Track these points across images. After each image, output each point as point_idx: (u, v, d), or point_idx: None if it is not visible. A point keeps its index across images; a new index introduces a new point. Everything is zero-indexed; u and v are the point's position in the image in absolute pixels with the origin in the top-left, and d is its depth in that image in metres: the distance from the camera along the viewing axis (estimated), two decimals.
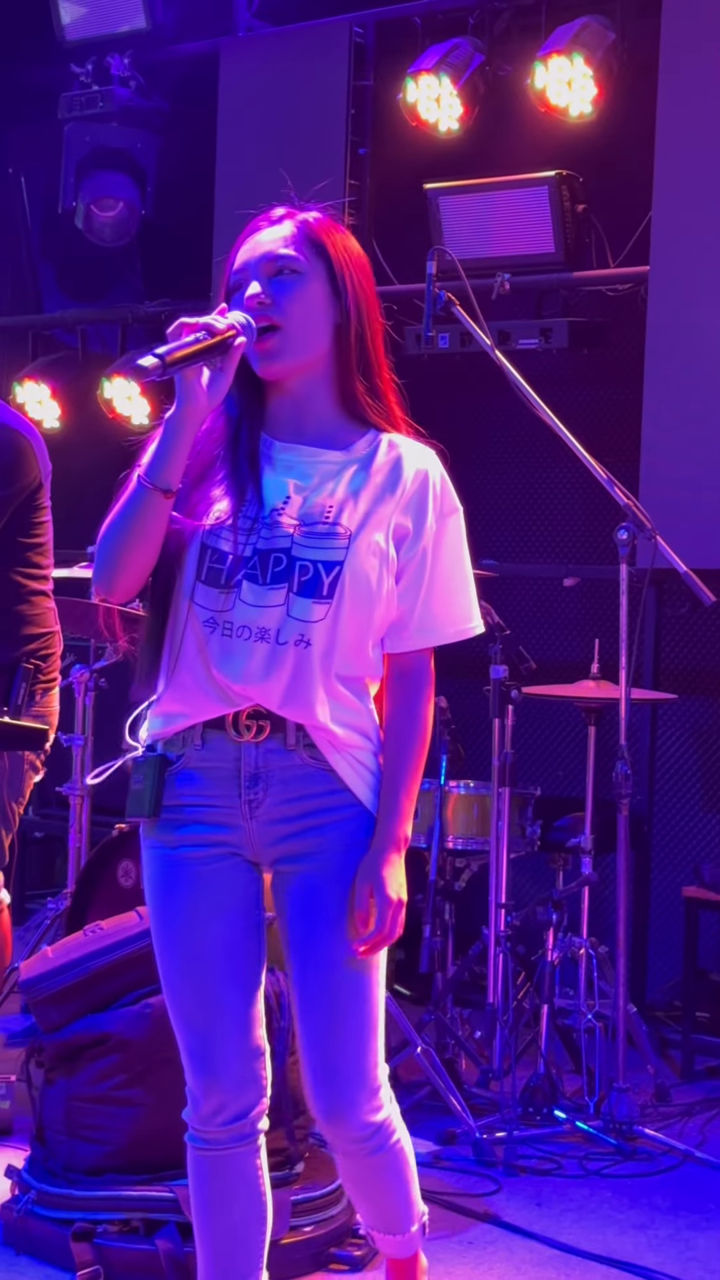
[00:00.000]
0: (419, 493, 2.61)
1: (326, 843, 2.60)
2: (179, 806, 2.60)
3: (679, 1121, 4.43)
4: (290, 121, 6.17)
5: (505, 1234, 3.70)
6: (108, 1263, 3.34)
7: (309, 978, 2.60)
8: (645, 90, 5.37)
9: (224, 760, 2.58)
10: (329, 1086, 2.61)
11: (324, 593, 2.52)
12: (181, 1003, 2.63)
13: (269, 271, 2.57)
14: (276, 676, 2.52)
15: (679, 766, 5.59)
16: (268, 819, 2.59)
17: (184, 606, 2.55)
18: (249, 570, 2.52)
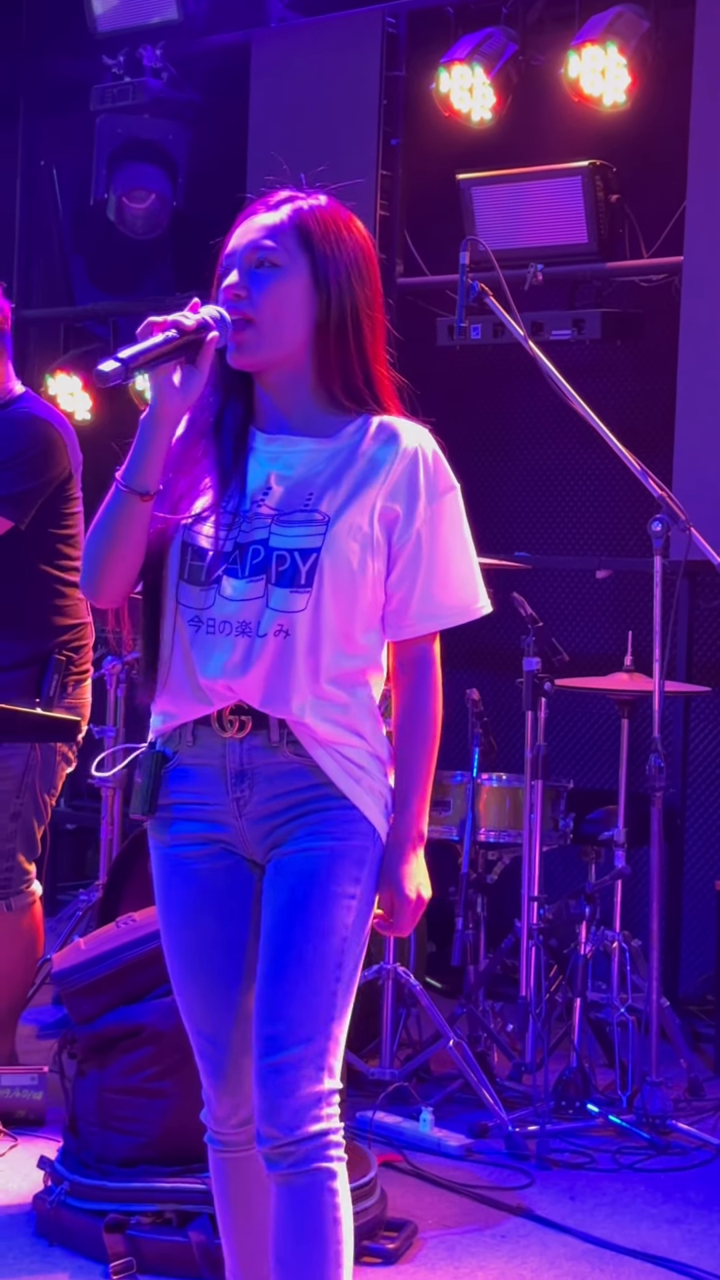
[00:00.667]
0: (408, 472, 2.50)
1: (302, 830, 2.48)
2: (173, 805, 2.55)
3: (712, 1115, 4.41)
4: (322, 112, 6.16)
5: (538, 1228, 3.69)
6: (140, 1254, 3.34)
7: (265, 964, 2.46)
8: (679, 79, 5.34)
9: (212, 757, 2.51)
10: (267, 1076, 2.42)
11: (302, 581, 2.43)
12: (188, 1004, 2.59)
13: (250, 262, 2.50)
14: (256, 670, 2.44)
15: (712, 759, 5.56)
16: (256, 816, 2.50)
17: (170, 607, 2.50)
18: (228, 565, 2.45)
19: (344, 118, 6.10)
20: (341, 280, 2.50)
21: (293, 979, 2.43)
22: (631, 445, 4.40)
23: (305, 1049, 2.41)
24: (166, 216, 6.55)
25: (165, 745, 2.56)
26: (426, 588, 2.52)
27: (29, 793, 4.16)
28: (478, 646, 2.61)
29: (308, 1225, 2.41)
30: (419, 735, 2.55)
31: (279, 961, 2.44)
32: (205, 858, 2.54)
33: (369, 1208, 3.51)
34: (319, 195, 2.58)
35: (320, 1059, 2.42)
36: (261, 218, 2.53)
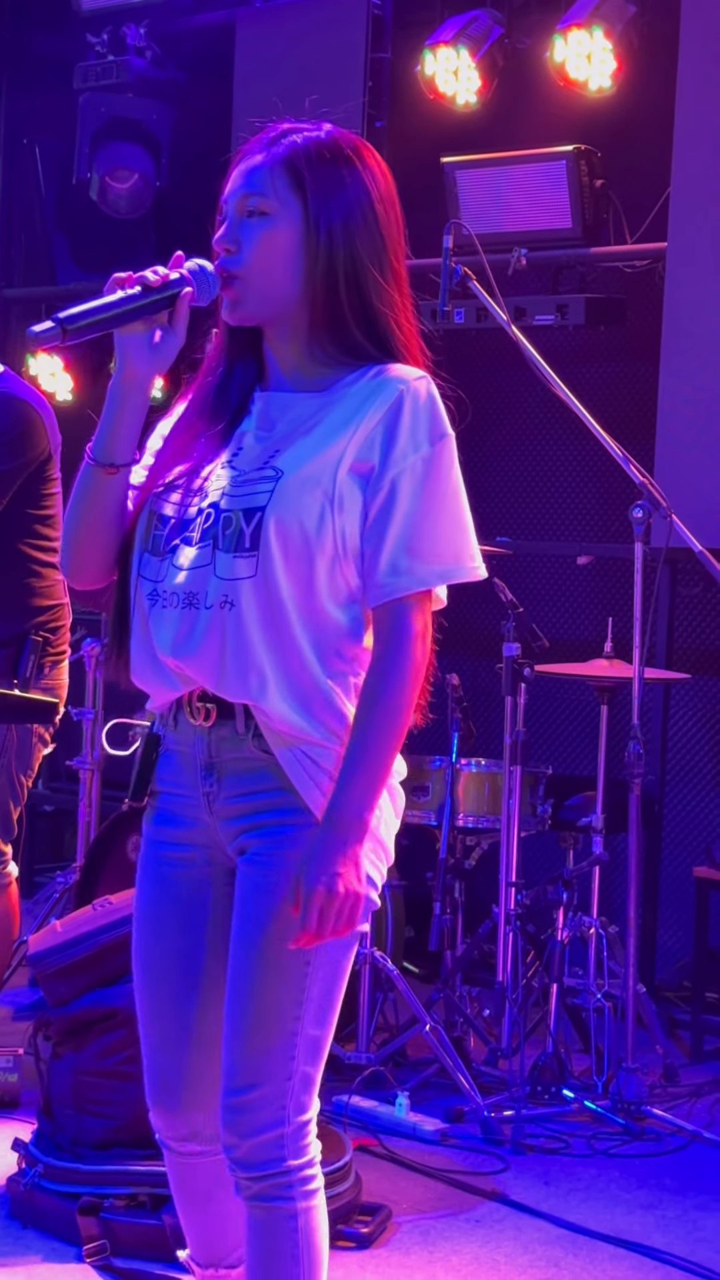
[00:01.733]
0: (387, 418, 2.22)
1: (265, 848, 2.26)
2: (160, 794, 2.39)
3: (687, 1102, 4.42)
4: (306, 93, 6.07)
5: (513, 1212, 3.69)
6: (114, 1237, 3.34)
7: (229, 992, 2.29)
8: (665, 65, 5.32)
9: (188, 745, 2.32)
10: (230, 1116, 2.27)
11: (246, 545, 2.18)
12: (140, 1007, 2.44)
13: (241, 210, 2.28)
14: (206, 647, 2.20)
15: (691, 747, 5.56)
16: (224, 816, 2.30)
17: (133, 580, 2.31)
18: (185, 533, 2.24)
19: (328, 99, 6.01)
20: (334, 225, 2.26)
21: (251, 1018, 2.24)
22: (613, 431, 4.40)
23: (264, 1089, 2.24)
24: (150, 196, 6.52)
25: (161, 728, 2.38)
26: (400, 544, 2.21)
27: (4, 774, 4.14)
28: (457, 631, 2.60)
29: (271, 1258, 2.30)
30: (376, 713, 2.21)
31: (238, 999, 2.26)
32: (180, 862, 2.37)
33: (343, 1192, 3.51)
34: (320, 126, 2.36)
35: (281, 1099, 2.25)
36: (255, 158, 2.30)
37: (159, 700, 2.35)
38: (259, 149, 2.32)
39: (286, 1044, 2.25)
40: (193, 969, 2.37)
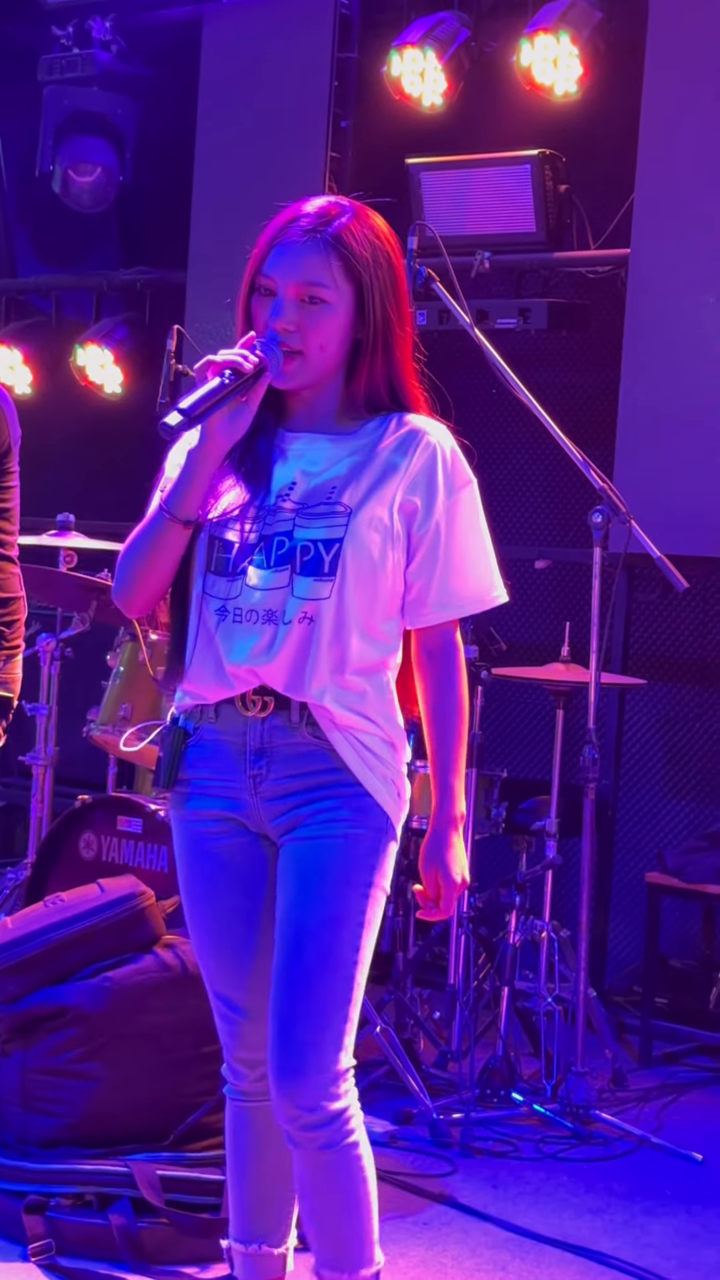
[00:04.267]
0: (427, 467, 2.61)
1: (320, 818, 2.59)
2: (192, 780, 2.66)
3: (635, 1106, 4.43)
4: (272, 91, 6.12)
5: (460, 1216, 3.69)
6: (60, 1236, 3.32)
7: (282, 942, 2.57)
8: (631, 71, 5.34)
9: (233, 734, 2.61)
10: (285, 1059, 2.54)
11: (325, 570, 2.54)
12: (209, 971, 2.71)
13: (299, 295, 2.56)
14: (281, 656, 2.54)
15: (645, 752, 5.58)
16: (270, 795, 2.60)
17: (198, 597, 2.60)
18: (254, 556, 2.56)
19: (294, 98, 6.07)
20: (377, 303, 2.58)
21: (309, 966, 2.53)
22: (574, 436, 4.40)
23: (322, 1033, 2.53)
24: (113, 190, 6.49)
25: (187, 721, 2.66)
26: (444, 577, 2.62)
27: None
28: None
29: (339, 1196, 2.59)
30: (452, 721, 2.66)
31: (296, 948, 2.54)
32: (222, 834, 2.64)
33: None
34: (342, 203, 2.62)
35: (337, 1040, 2.54)
36: (305, 246, 2.56)
37: (209, 698, 2.61)
38: (303, 233, 2.56)
39: (344, 989, 2.55)
40: (251, 924, 2.65)
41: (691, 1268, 3.48)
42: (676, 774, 5.52)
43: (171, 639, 2.67)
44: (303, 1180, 2.61)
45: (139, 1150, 3.45)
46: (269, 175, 6.12)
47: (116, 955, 3.60)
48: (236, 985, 2.68)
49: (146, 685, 4.71)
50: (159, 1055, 3.52)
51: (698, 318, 5.19)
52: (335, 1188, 2.59)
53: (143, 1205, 3.34)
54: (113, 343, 6.60)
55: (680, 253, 5.22)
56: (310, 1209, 2.63)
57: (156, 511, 2.58)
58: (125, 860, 4.52)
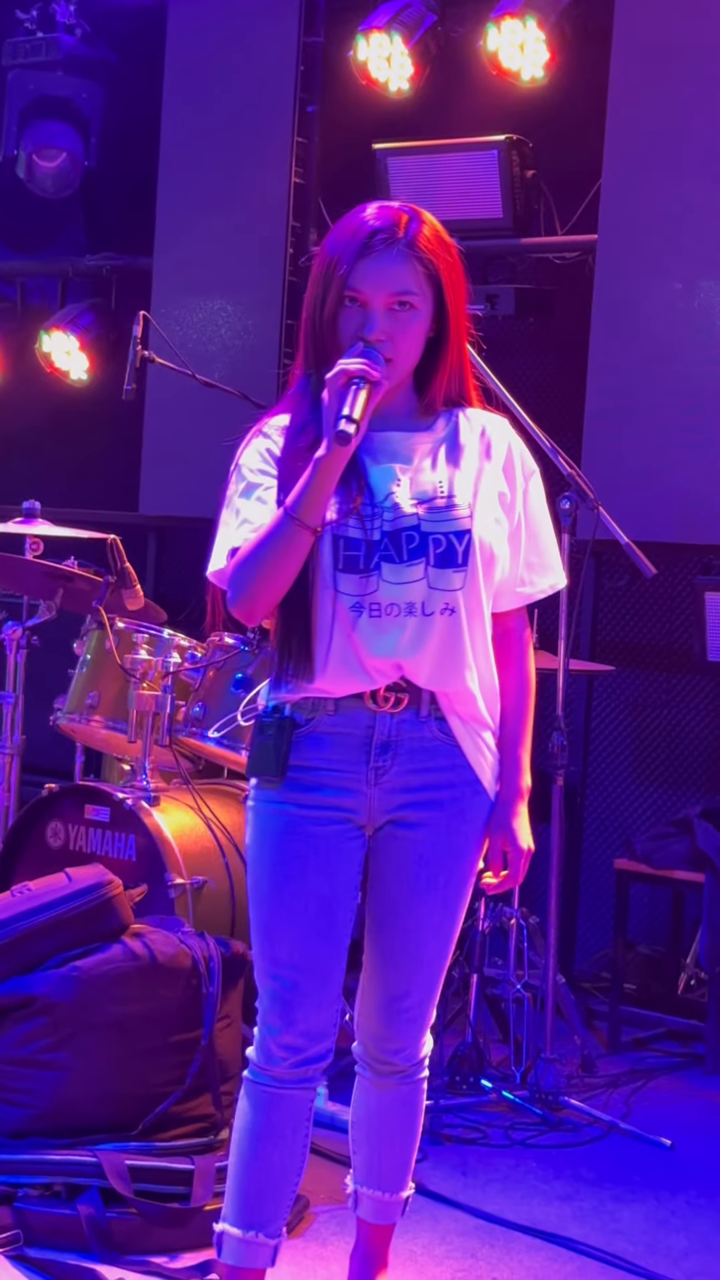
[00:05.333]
0: (508, 459, 2.77)
1: (443, 815, 2.74)
2: (305, 768, 2.71)
3: (604, 1092, 4.44)
4: (238, 76, 6.09)
5: (430, 1203, 3.69)
6: (28, 1227, 3.30)
7: (398, 932, 2.77)
8: (598, 57, 5.33)
9: (356, 728, 2.69)
10: (395, 1029, 2.83)
11: (459, 561, 2.65)
12: (274, 949, 2.74)
13: (387, 303, 2.66)
14: (426, 648, 2.64)
15: (613, 738, 5.58)
16: (391, 787, 2.71)
17: (328, 596, 2.64)
18: (384, 552, 2.64)
19: (260, 82, 6.04)
20: (453, 305, 2.71)
21: (429, 946, 2.78)
22: (542, 422, 4.39)
23: (429, 1001, 2.84)
24: (78, 176, 6.46)
25: (295, 712, 2.71)
26: (526, 563, 2.79)
27: None
28: None
29: (410, 1118, 2.95)
30: (526, 697, 2.84)
31: (417, 939, 2.77)
32: (323, 820, 2.71)
33: None
34: (413, 212, 2.71)
35: (433, 1003, 2.86)
36: (389, 254, 2.65)
37: (336, 692, 2.68)
38: (385, 245, 2.65)
39: (443, 967, 2.84)
40: (331, 909, 2.74)
41: (660, 1253, 3.49)
42: (645, 760, 5.53)
43: (296, 641, 2.66)
44: (373, 1110, 2.93)
45: (107, 1140, 3.44)
46: (235, 160, 6.10)
47: (84, 944, 3.59)
48: (303, 967, 2.73)
49: (114, 673, 4.68)
50: (127, 1045, 3.51)
51: (665, 304, 5.19)
52: (405, 1115, 2.93)
53: (111, 1195, 3.33)
54: (78, 329, 6.57)
55: (647, 239, 5.22)
56: (372, 1136, 2.96)
57: (283, 519, 2.60)
58: (93, 849, 4.50)
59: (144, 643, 4.65)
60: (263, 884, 2.75)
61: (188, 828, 4.49)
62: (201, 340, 6.10)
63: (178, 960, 3.59)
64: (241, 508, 2.69)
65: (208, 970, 3.60)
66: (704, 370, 5.13)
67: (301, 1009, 2.74)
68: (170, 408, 6.11)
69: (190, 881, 4.35)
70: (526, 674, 2.85)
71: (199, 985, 3.60)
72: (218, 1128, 3.56)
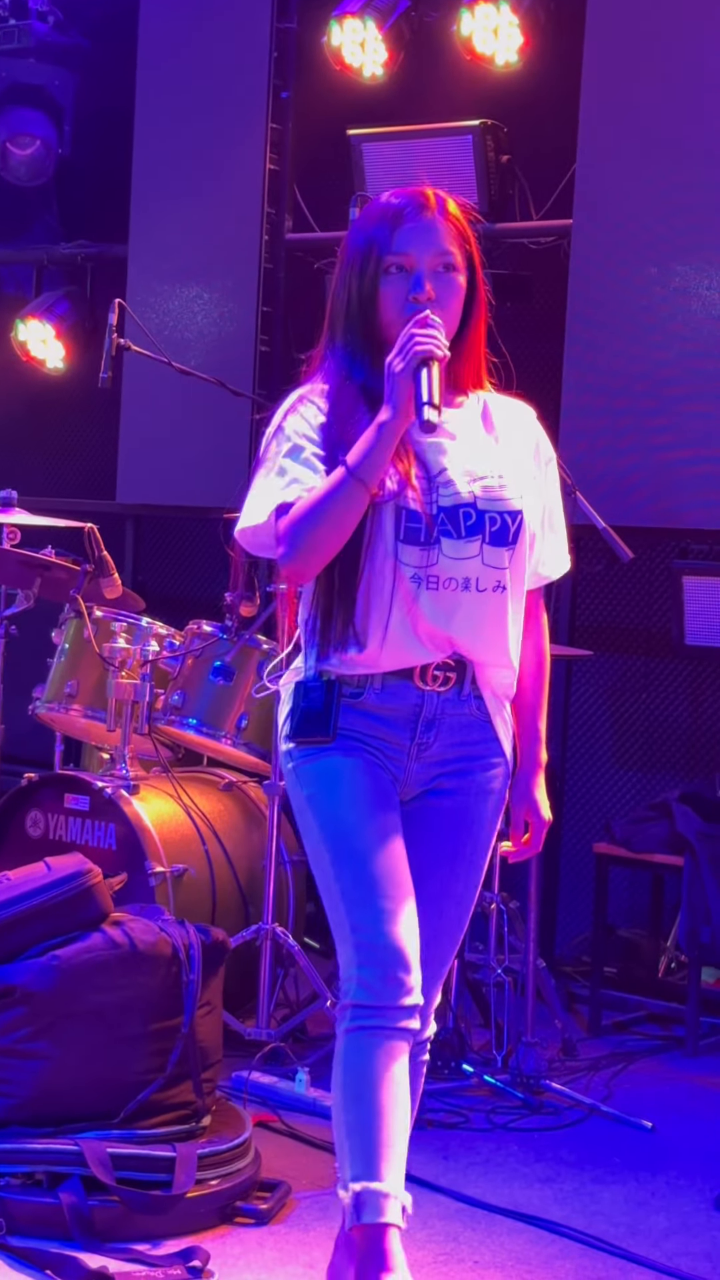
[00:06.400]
0: (538, 444, 2.85)
1: (472, 786, 2.80)
2: (352, 731, 2.73)
3: (585, 1076, 4.46)
4: (212, 62, 6.07)
5: (411, 1186, 3.62)
6: (10, 1215, 3.30)
7: (420, 898, 2.73)
8: (572, 41, 5.33)
9: (403, 704, 2.73)
10: (429, 980, 2.79)
11: (510, 539, 2.72)
12: (372, 874, 2.66)
13: (435, 265, 2.71)
14: (480, 622, 2.71)
15: (592, 723, 5.60)
16: (431, 760, 2.77)
17: (388, 566, 2.67)
18: (443, 526, 2.69)
19: (234, 69, 6.02)
20: (480, 280, 2.79)
21: (449, 915, 2.82)
22: None
23: (440, 973, 2.84)
24: (51, 163, 6.44)
25: (341, 681, 2.73)
26: (548, 544, 2.88)
27: None
28: None
29: (416, 1084, 2.90)
30: (544, 672, 2.94)
31: (439, 905, 2.79)
32: (379, 768, 2.74)
33: (243, 1168, 3.50)
34: (438, 193, 2.77)
35: (442, 976, 2.87)
36: (435, 224, 2.72)
37: (384, 666, 2.69)
38: (421, 210, 2.72)
39: (460, 936, 2.88)
40: (399, 842, 2.72)
41: (641, 1235, 3.50)
42: (623, 745, 5.55)
43: (342, 607, 2.68)
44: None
45: (89, 1128, 3.44)
46: (209, 147, 6.08)
47: (64, 934, 3.58)
48: (402, 885, 2.67)
49: (93, 662, 4.68)
50: (107, 1033, 3.51)
51: (641, 287, 5.19)
52: (417, 1080, 2.89)
53: (93, 1183, 3.33)
54: (54, 317, 6.55)
55: (623, 222, 5.22)
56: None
57: (344, 478, 2.62)
58: (72, 838, 4.50)
59: (122, 631, 4.64)
60: (339, 816, 2.69)
61: (167, 816, 4.49)
62: (178, 328, 6.09)
63: (158, 948, 3.59)
64: (288, 467, 2.69)
65: (188, 958, 3.60)
66: (680, 354, 5.14)
67: (407, 936, 2.65)
68: (147, 396, 6.09)
69: (170, 870, 4.35)
70: (543, 649, 2.93)
71: (179, 973, 3.60)
72: (199, 1115, 3.56)
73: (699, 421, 5.11)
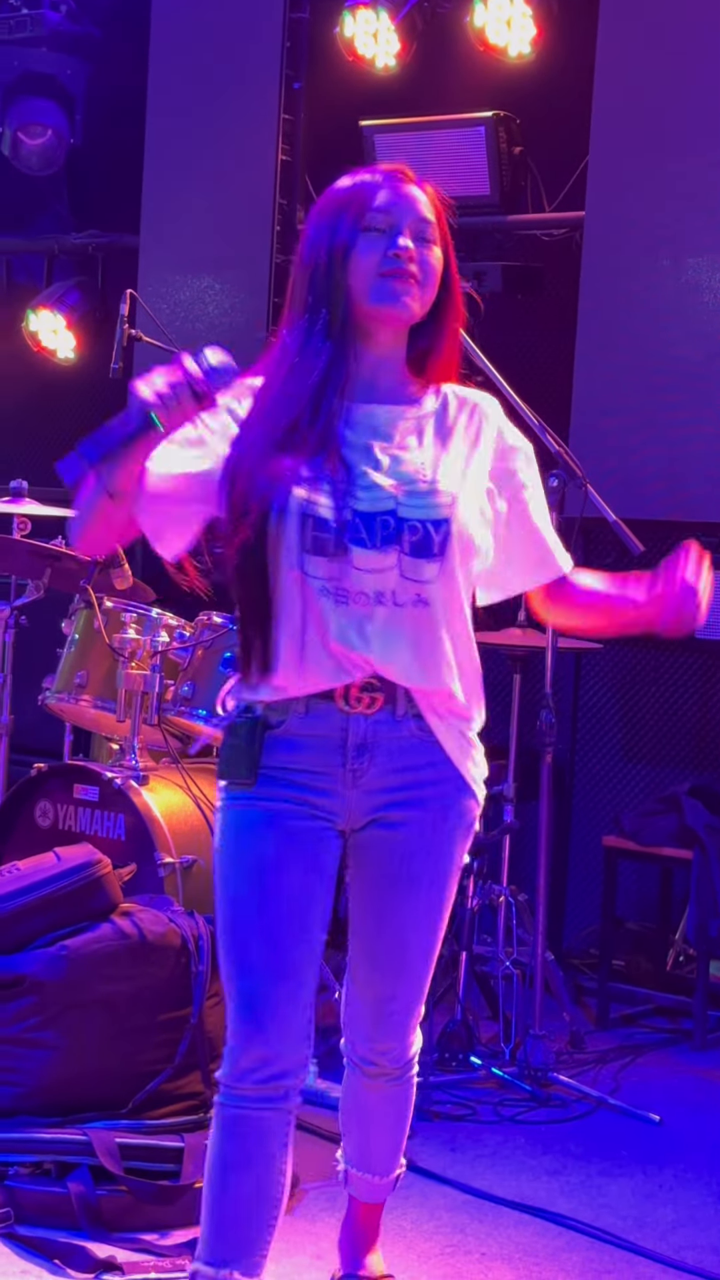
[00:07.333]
0: (502, 436, 2.65)
1: (425, 812, 2.61)
2: (279, 768, 2.55)
3: (593, 1069, 4.46)
4: (224, 52, 6.06)
5: (419, 1179, 3.70)
6: (18, 1205, 3.31)
7: (383, 934, 2.66)
8: (585, 32, 5.31)
9: (329, 730, 2.54)
10: (385, 1030, 2.74)
11: (434, 551, 2.49)
12: (244, 950, 2.55)
13: (415, 231, 2.55)
14: (398, 641, 2.50)
15: (601, 716, 5.59)
16: (370, 788, 2.57)
17: (291, 578, 2.48)
18: (354, 534, 2.47)
19: (246, 59, 6.01)
20: (454, 266, 2.62)
21: (415, 947, 2.67)
22: (529, 400, 4.38)
23: (416, 1003, 2.73)
24: (63, 153, 6.44)
25: (267, 714, 2.55)
26: (550, 532, 2.72)
27: None
28: None
29: (399, 1112, 2.89)
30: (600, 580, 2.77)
31: (400, 939, 2.66)
32: (301, 816, 2.56)
33: None
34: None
35: (420, 1003, 2.75)
36: (414, 191, 2.57)
37: (301, 691, 2.52)
38: (402, 181, 2.57)
39: (430, 967, 2.73)
40: (304, 908, 2.57)
41: (648, 1227, 3.50)
42: (632, 738, 5.54)
43: (255, 625, 2.51)
44: (365, 1105, 2.87)
45: (97, 1118, 3.45)
46: (221, 137, 6.08)
47: (73, 924, 3.59)
48: (277, 971, 2.53)
49: (102, 653, 4.68)
50: (116, 1023, 3.52)
51: (653, 280, 5.18)
52: (394, 1111, 2.87)
53: (101, 1173, 3.34)
54: (65, 308, 6.55)
55: (635, 215, 5.21)
56: (363, 1125, 2.91)
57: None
58: (82, 828, 4.50)
59: (132, 622, 4.64)
60: (235, 882, 2.56)
61: (176, 807, 4.50)
62: (189, 318, 6.08)
63: (167, 939, 3.60)
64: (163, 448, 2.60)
65: (197, 949, 3.61)
66: (691, 347, 5.13)
67: (275, 1016, 2.52)
68: None
69: (179, 860, 4.35)
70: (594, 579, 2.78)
71: (188, 964, 3.60)
72: (207, 1105, 3.57)
73: (711, 414, 5.10)
